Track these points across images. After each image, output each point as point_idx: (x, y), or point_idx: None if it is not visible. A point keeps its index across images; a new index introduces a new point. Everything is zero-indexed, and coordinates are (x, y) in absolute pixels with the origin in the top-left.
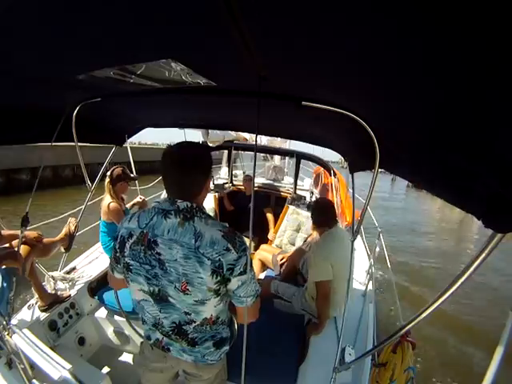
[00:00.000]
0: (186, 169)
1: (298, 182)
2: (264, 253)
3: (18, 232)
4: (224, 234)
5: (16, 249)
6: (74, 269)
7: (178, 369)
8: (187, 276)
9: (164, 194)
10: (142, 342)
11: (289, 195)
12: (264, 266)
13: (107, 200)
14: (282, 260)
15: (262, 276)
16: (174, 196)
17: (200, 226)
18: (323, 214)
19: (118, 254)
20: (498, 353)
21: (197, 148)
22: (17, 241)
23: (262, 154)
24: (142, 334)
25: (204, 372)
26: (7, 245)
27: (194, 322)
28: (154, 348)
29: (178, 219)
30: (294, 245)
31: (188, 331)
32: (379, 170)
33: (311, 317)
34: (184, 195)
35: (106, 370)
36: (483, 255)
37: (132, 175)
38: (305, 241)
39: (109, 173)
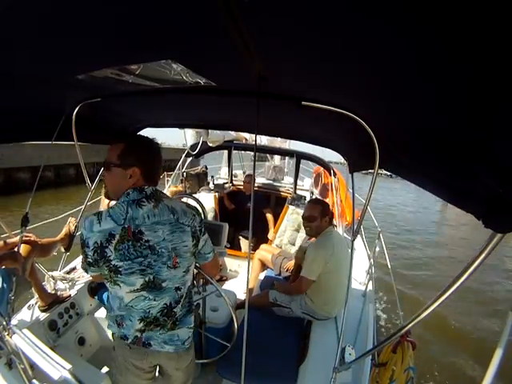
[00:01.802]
0: (161, 159)
1: (298, 182)
2: (264, 253)
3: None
4: (186, 204)
5: (16, 249)
6: (74, 269)
7: (157, 365)
8: (176, 249)
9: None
10: (113, 348)
11: (289, 195)
12: (264, 266)
13: (108, 201)
14: (286, 267)
15: (261, 276)
16: (149, 183)
17: (169, 203)
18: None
19: (90, 260)
20: (498, 353)
21: (154, 140)
22: (17, 239)
23: (258, 154)
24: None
25: (183, 361)
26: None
27: (182, 296)
28: (131, 347)
29: (151, 203)
30: (294, 245)
31: (177, 312)
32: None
33: (313, 319)
34: (155, 182)
35: (105, 370)
36: (483, 255)
37: None
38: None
39: None
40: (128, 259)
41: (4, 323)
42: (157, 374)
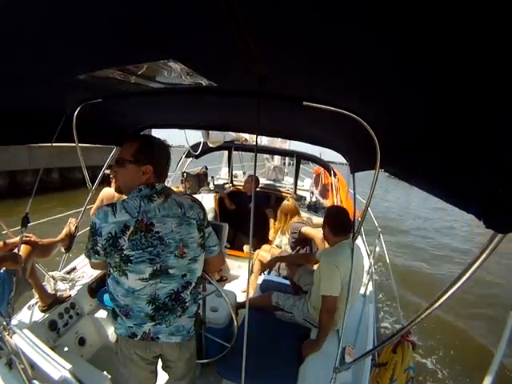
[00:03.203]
0: (169, 158)
1: (298, 182)
2: (264, 253)
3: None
4: (192, 200)
5: (16, 249)
6: (74, 269)
7: (159, 356)
8: (183, 240)
9: None
10: (116, 340)
11: (289, 195)
12: (263, 267)
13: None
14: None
15: (261, 277)
16: (159, 180)
17: (177, 198)
18: (342, 220)
19: (98, 248)
20: (499, 352)
21: (162, 141)
22: (17, 240)
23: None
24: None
25: (185, 350)
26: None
27: (190, 284)
28: (137, 344)
29: (161, 199)
30: None
31: (186, 299)
32: None
33: (313, 327)
34: (164, 179)
35: (106, 370)
36: (484, 255)
37: None
38: (293, 244)
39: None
40: (140, 249)
41: (4, 323)
42: (159, 367)
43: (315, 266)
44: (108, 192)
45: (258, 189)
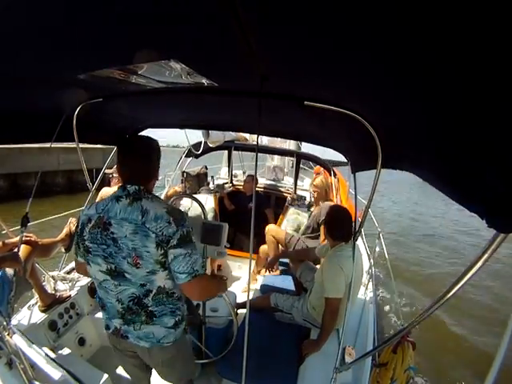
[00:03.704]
0: (138, 157)
1: (298, 182)
2: (276, 228)
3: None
4: (168, 210)
5: (16, 249)
6: (74, 269)
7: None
8: (136, 250)
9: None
10: None
11: (289, 195)
12: (277, 244)
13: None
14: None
15: (261, 281)
16: (126, 182)
17: (146, 204)
18: (342, 226)
19: (78, 240)
20: (500, 354)
21: (146, 140)
22: (17, 240)
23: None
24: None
25: (156, 358)
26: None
27: (151, 291)
28: (111, 336)
29: (127, 201)
30: None
31: (148, 304)
32: None
33: (313, 327)
34: (135, 180)
35: (105, 370)
36: (486, 255)
37: None
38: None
39: (116, 174)
40: (95, 243)
41: (4, 323)
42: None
43: (317, 266)
44: (107, 192)
45: (257, 189)
